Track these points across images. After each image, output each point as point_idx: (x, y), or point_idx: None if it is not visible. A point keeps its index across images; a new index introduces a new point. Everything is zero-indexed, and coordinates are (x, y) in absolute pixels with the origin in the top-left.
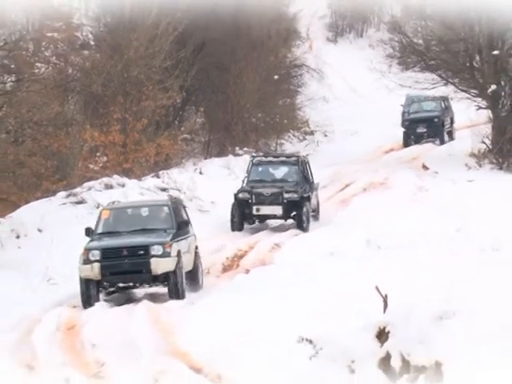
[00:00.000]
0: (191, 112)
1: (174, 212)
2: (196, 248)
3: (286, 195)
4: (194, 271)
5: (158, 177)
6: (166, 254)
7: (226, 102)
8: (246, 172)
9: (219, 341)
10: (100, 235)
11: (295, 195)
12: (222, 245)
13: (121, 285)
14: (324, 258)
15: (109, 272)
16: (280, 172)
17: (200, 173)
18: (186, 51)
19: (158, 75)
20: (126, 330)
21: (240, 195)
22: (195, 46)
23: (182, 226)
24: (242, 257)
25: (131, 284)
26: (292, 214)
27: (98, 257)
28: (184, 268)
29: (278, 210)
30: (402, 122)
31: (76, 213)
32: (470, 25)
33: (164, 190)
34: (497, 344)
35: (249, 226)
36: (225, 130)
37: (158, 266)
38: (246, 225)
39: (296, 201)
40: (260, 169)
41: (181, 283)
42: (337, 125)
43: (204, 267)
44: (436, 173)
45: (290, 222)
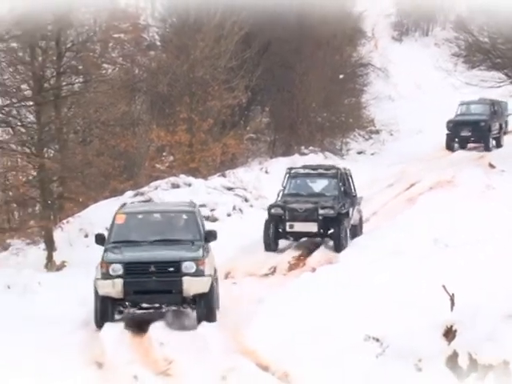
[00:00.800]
0: (257, 111)
1: (200, 220)
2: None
3: (322, 211)
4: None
5: (225, 176)
6: (199, 273)
7: (292, 100)
8: (282, 185)
9: (286, 339)
10: (116, 244)
11: (331, 211)
12: (288, 243)
13: (144, 305)
14: (390, 257)
15: (133, 290)
16: (318, 185)
17: (266, 172)
18: (252, 51)
19: (224, 75)
20: (193, 328)
21: (273, 210)
22: (260, 46)
23: (209, 238)
24: (307, 256)
25: (156, 305)
26: (329, 232)
27: (120, 272)
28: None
29: (312, 226)
30: (447, 124)
31: None
32: None
33: (230, 189)
34: None
35: None
36: (290, 129)
37: (191, 287)
38: None
39: (333, 217)
40: (297, 182)
41: (214, 308)
42: (402, 123)
43: (270, 266)
44: (503, 171)
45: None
